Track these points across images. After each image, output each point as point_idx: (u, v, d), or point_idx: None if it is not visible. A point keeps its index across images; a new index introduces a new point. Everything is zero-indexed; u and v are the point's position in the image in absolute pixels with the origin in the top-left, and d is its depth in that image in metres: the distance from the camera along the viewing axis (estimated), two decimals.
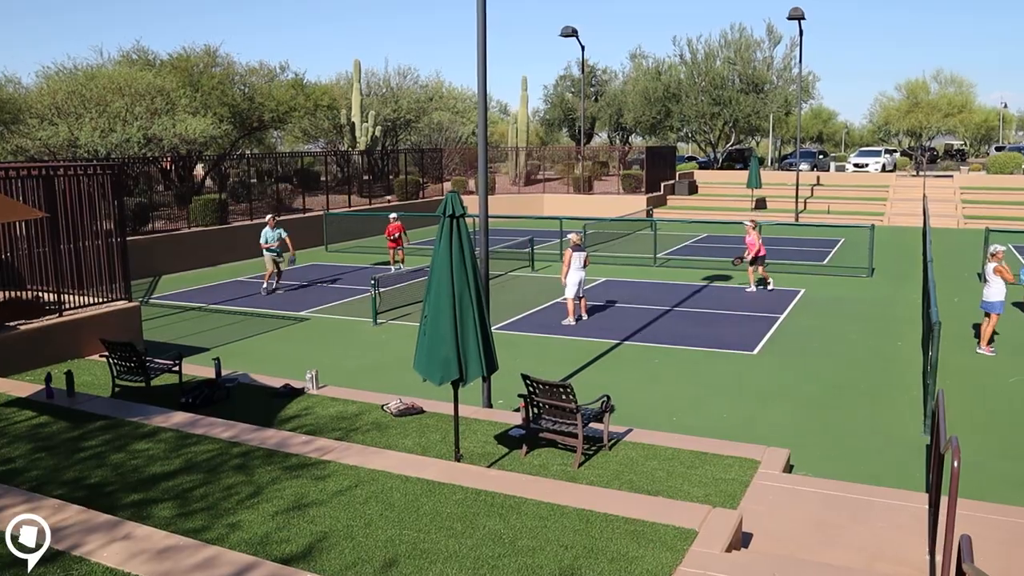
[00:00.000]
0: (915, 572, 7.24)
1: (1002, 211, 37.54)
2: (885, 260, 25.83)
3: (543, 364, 14.46)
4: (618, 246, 30.24)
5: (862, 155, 56.50)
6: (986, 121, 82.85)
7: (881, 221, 37.33)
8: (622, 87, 59.19)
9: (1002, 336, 16.64)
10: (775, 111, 54.30)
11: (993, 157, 49.66)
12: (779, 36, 52.34)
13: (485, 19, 11.08)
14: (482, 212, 11.55)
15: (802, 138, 72.01)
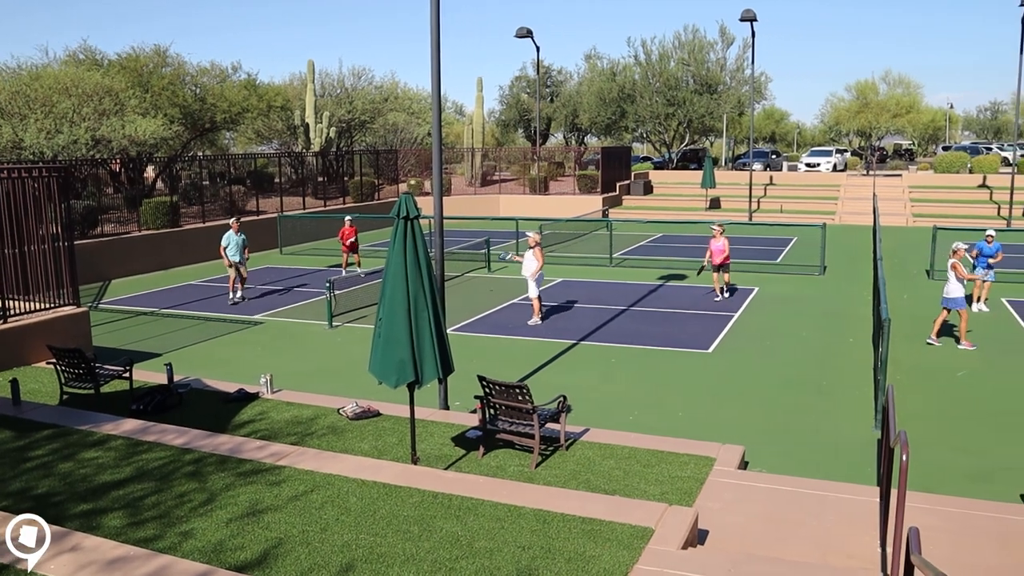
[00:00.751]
0: (867, 564, 7.35)
1: (949, 209, 38.32)
2: (836, 258, 26.23)
3: (500, 365, 14.45)
4: (574, 246, 30.35)
5: (814, 155, 57.33)
6: (933, 121, 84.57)
7: (832, 220, 37.92)
8: (577, 88, 59.44)
9: (947, 331, 16.98)
10: (728, 111, 54.89)
11: (940, 156, 50.68)
12: (732, 37, 52.98)
13: (439, 20, 11.04)
14: (437, 214, 11.51)
15: (755, 138, 72.90)
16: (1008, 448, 10.83)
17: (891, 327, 12.02)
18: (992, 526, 7.96)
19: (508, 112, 64.30)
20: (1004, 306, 19.36)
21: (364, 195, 40.30)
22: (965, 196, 41.38)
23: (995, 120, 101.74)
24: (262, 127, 45.54)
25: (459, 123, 69.54)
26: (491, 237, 27.60)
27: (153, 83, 32.75)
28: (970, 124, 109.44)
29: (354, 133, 50.63)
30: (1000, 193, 39.05)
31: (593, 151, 51.73)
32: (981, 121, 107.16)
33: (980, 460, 10.44)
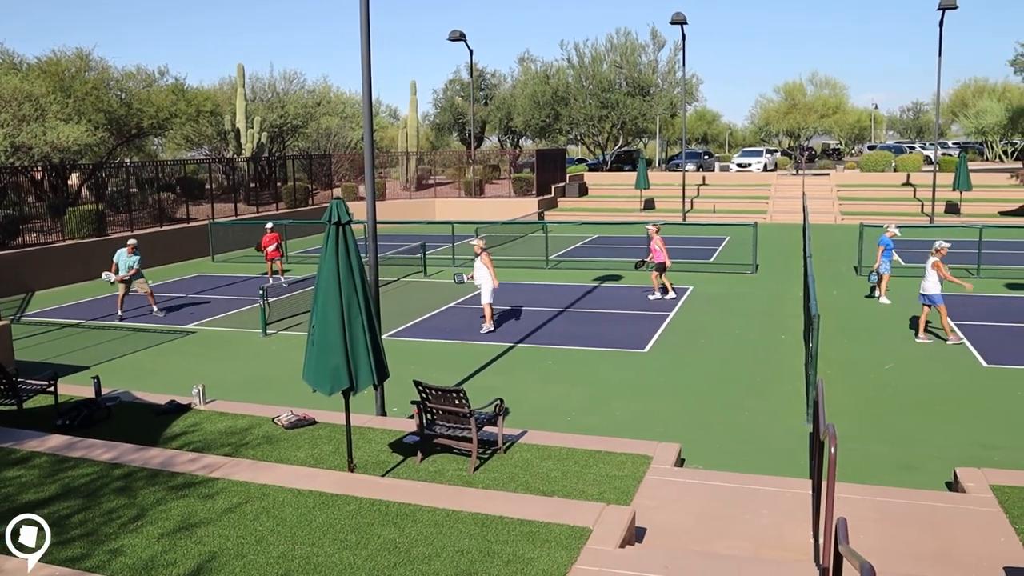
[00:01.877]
0: (800, 556, 7.48)
1: (876, 207, 39.36)
2: (768, 256, 26.73)
3: (437, 369, 14.40)
4: (510, 249, 30.41)
5: (745, 155, 58.38)
6: (859, 121, 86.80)
7: (764, 219, 38.64)
8: (511, 91, 59.62)
9: (875, 326, 17.45)
10: (661, 113, 55.59)
11: (866, 156, 52.08)
12: (663, 40, 53.68)
13: (368, 23, 10.96)
14: (370, 218, 11.41)
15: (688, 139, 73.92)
16: (933, 438, 11.14)
17: (821, 323, 12.29)
18: (919, 513, 8.18)
19: (442, 115, 64.17)
20: None
21: (297, 201, 39.83)
22: (890, 194, 42.56)
23: (917, 120, 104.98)
24: (191, 133, 44.68)
25: (393, 127, 69.19)
26: (427, 241, 27.50)
27: (76, 88, 31.89)
28: (894, 124, 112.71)
29: (286, 138, 50.00)
30: (923, 191, 40.23)
31: (528, 154, 51.91)
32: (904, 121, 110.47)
33: (907, 450, 10.72)
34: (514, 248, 30.64)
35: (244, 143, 42.33)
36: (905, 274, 23.69)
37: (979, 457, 10.04)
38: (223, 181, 40.90)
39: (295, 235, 32.73)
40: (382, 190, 43.01)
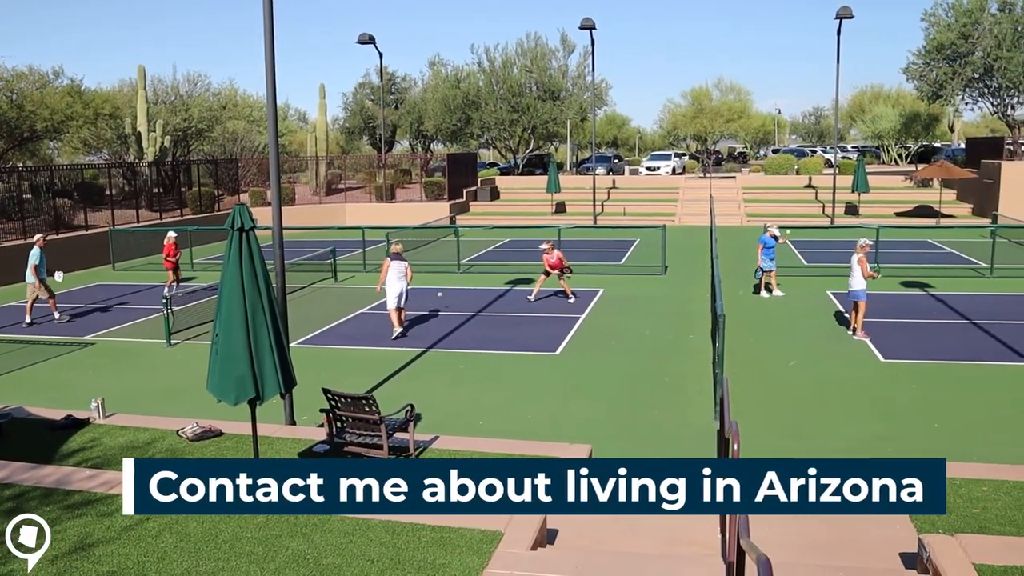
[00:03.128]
0: (709, 551, 7.63)
1: (780, 208, 40.47)
2: (677, 258, 27.23)
3: (348, 376, 14.22)
4: (422, 253, 30.26)
5: (654, 159, 59.38)
6: (763, 126, 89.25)
7: (673, 221, 39.36)
8: (422, 94, 59.37)
9: (779, 324, 17.95)
10: (571, 117, 56.11)
11: (770, 159, 53.56)
12: (573, 45, 54.22)
13: (272, 25, 10.76)
14: (276, 223, 11.20)
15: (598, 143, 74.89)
16: (834, 431, 11.52)
17: (727, 322, 12.56)
18: None
19: (352, 119, 63.51)
20: (829, 297, 20.59)
21: (203, 206, 38.86)
22: (793, 196, 43.89)
23: (818, 125, 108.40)
24: (89, 136, 43.21)
25: (302, 131, 68.13)
26: (337, 247, 27.16)
27: None
28: (796, 128, 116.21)
29: (191, 142, 48.78)
30: (824, 193, 41.61)
31: (439, 158, 51.78)
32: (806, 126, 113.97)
33: (809, 444, 11.05)
34: (426, 253, 30.51)
35: (146, 147, 41.13)
36: (808, 273, 24.48)
37: (877, 448, 10.41)
38: (124, 186, 39.63)
39: (202, 242, 31.89)
40: (291, 195, 42.34)
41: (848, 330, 16.88)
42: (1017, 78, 45.16)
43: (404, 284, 17.16)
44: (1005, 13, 45.05)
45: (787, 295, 20.89)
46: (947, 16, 46.97)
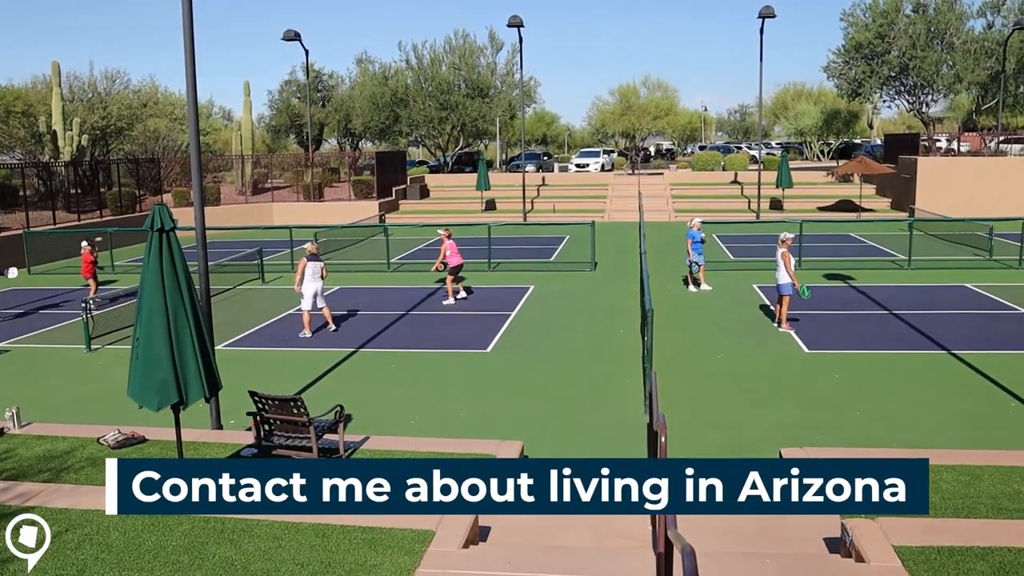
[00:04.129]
0: (640, 543, 7.69)
1: (707, 204, 41.15)
2: (606, 254, 27.44)
3: (277, 379, 13.99)
4: (351, 253, 29.98)
5: (583, 156, 59.80)
6: (690, 123, 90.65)
7: (602, 218, 39.68)
8: (350, 92, 58.73)
9: (707, 317, 18.24)
10: (501, 115, 56.13)
11: (697, 155, 54.42)
12: (501, 43, 54.23)
13: (192, 19, 10.51)
14: (198, 224, 10.94)
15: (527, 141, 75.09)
16: (760, 421, 11.74)
17: (656, 316, 12.72)
18: None
19: (279, 117, 62.50)
20: (755, 291, 20.99)
21: (124, 207, 37.82)
22: (720, 192, 44.65)
23: (743, 122, 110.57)
24: (1, 135, 41.65)
25: (227, 129, 66.88)
26: (264, 247, 26.72)
27: None
28: (722, 125, 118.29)
29: (110, 141, 47.41)
30: (749, 188, 42.41)
31: (368, 156, 51.33)
32: (732, 123, 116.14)
33: (735, 434, 11.25)
34: (355, 252, 30.22)
35: (62, 146, 39.84)
36: (735, 267, 24.93)
37: (801, 437, 10.63)
38: (39, 187, 38.34)
39: (123, 243, 31.03)
40: (216, 195, 41.47)
41: (773, 322, 17.23)
42: (931, 76, 46.72)
43: (320, 284, 17.00)
44: (919, 14, 46.56)
45: (714, 289, 21.24)
46: (864, 16, 48.35)
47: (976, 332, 16.50)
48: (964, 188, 36.94)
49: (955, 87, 48.68)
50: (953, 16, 46.12)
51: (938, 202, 35.82)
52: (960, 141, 52.02)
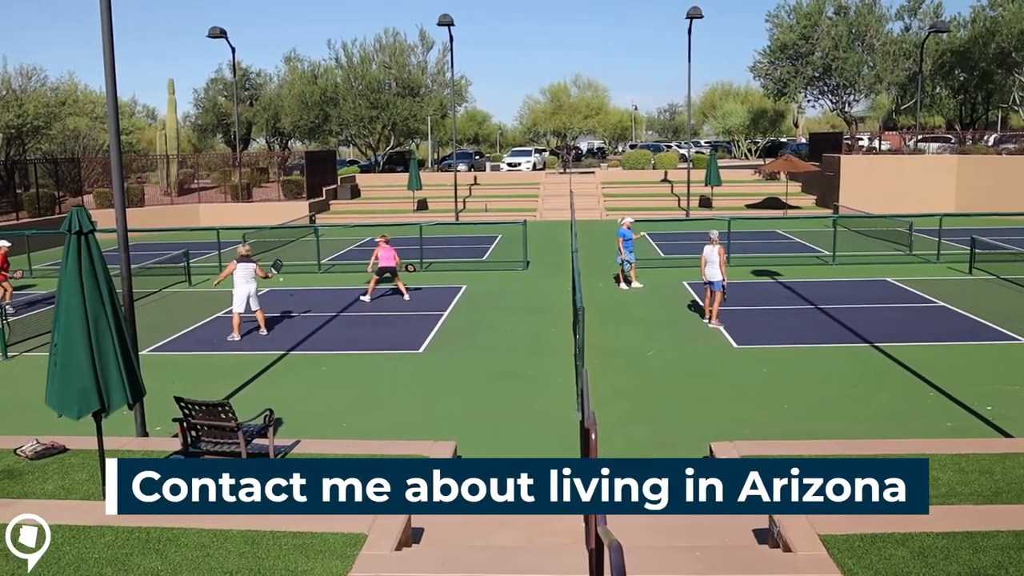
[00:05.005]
0: (573, 540, 7.70)
1: (637, 202, 41.55)
2: (538, 253, 27.52)
3: (205, 383, 13.70)
4: (281, 254, 29.45)
5: (515, 155, 59.89)
6: (621, 122, 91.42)
7: (534, 217, 39.80)
8: (278, 91, 57.87)
9: (637, 314, 18.43)
10: (432, 114, 55.89)
11: (627, 154, 54.95)
12: (432, 41, 53.96)
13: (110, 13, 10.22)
14: (120, 225, 10.64)
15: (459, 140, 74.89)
16: (691, 416, 11.91)
17: (587, 314, 12.80)
18: None
19: (205, 116, 61.31)
20: (685, 287, 21.28)
21: (42, 209, 36.61)
22: (650, 190, 45.16)
23: (673, 120, 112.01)
24: None
25: (151, 128, 65.27)
26: (191, 249, 26.16)
27: None
28: (652, 124, 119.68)
29: (27, 140, 45.88)
30: (679, 186, 42.97)
31: (298, 156, 50.61)
32: (662, 121, 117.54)
33: (667, 430, 11.39)
34: (285, 253, 29.72)
35: None
36: (665, 264, 25.23)
37: (731, 431, 10.79)
38: None
39: (42, 246, 30.04)
40: (140, 196, 40.47)
41: (704, 318, 17.49)
42: (853, 77, 48.03)
43: (252, 287, 16.70)
44: (841, 16, 47.83)
45: (645, 286, 21.47)
46: (789, 18, 49.46)
47: (897, 325, 16.99)
48: (885, 185, 38.06)
49: (875, 87, 50.16)
50: (873, 19, 47.50)
51: (860, 199, 36.85)
52: (881, 140, 53.49)
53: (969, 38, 47.96)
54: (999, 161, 39.43)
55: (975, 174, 38.21)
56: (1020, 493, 8.15)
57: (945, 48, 49.23)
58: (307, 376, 14.33)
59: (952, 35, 48.47)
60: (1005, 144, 45.55)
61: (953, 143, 47.08)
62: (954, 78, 53.06)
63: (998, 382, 13.02)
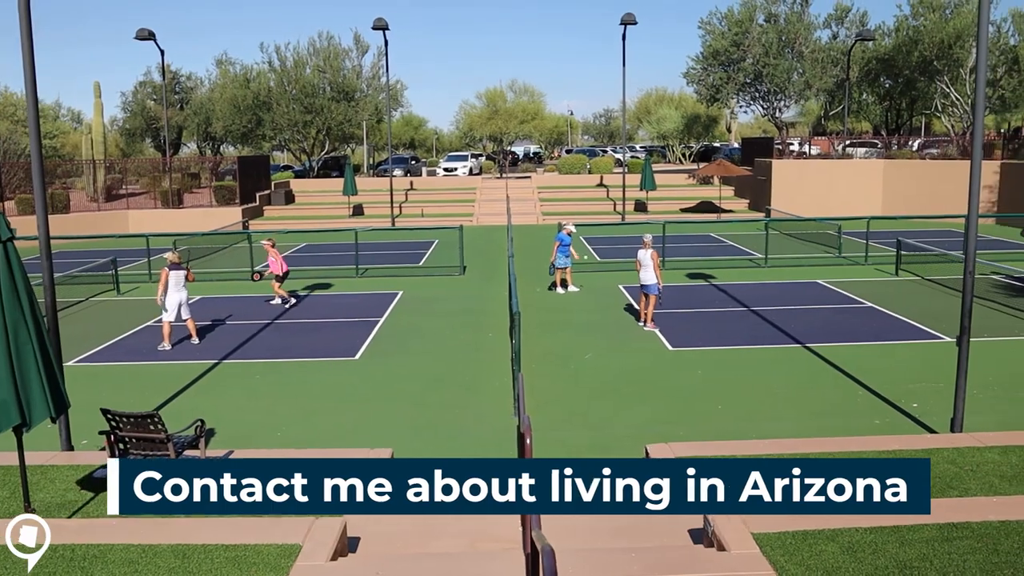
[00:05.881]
0: (511, 545, 7.71)
1: (573, 207, 41.85)
2: (475, 258, 27.51)
3: (134, 394, 13.37)
4: (213, 261, 28.98)
5: (451, 160, 59.75)
6: (557, 127, 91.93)
7: (471, 222, 39.76)
8: (209, 95, 56.90)
9: (574, 318, 18.51)
10: (367, 119, 55.51)
11: (563, 159, 55.24)
12: (367, 45, 53.64)
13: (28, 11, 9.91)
14: (42, 232, 10.30)
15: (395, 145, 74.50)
16: (627, 419, 11.99)
17: (524, 319, 12.80)
18: None
19: (133, 120, 59.95)
20: (620, 291, 21.45)
21: None
22: (586, 194, 45.49)
23: (608, 125, 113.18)
24: None
25: (77, 132, 63.60)
26: (119, 257, 25.54)
27: None
28: (588, 129, 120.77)
29: None
30: (615, 191, 43.35)
31: (230, 161, 49.81)
32: (597, 126, 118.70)
33: (604, 432, 11.44)
34: (217, 260, 29.24)
35: None
36: (601, 268, 25.41)
37: (666, 433, 10.89)
38: None
39: None
40: (65, 202, 39.36)
41: (639, 322, 17.64)
42: (783, 83, 49.08)
43: (184, 295, 16.39)
44: (771, 24, 48.86)
45: (581, 290, 21.59)
46: (721, 25, 50.36)
47: (827, 326, 17.36)
48: (815, 189, 38.95)
49: (805, 93, 51.33)
50: (802, 27, 48.62)
51: (791, 202, 37.64)
52: (811, 145, 54.74)
53: (893, 46, 49.40)
54: (923, 165, 40.65)
55: (900, 178, 39.34)
56: (944, 487, 8.38)
57: (871, 56, 50.61)
58: (240, 385, 14.07)
59: (877, 43, 49.87)
60: (928, 149, 47.02)
61: (880, 148, 48.41)
62: (880, 85, 54.59)
63: (923, 380, 13.39)
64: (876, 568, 6.62)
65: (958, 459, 9.11)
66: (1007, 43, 44.97)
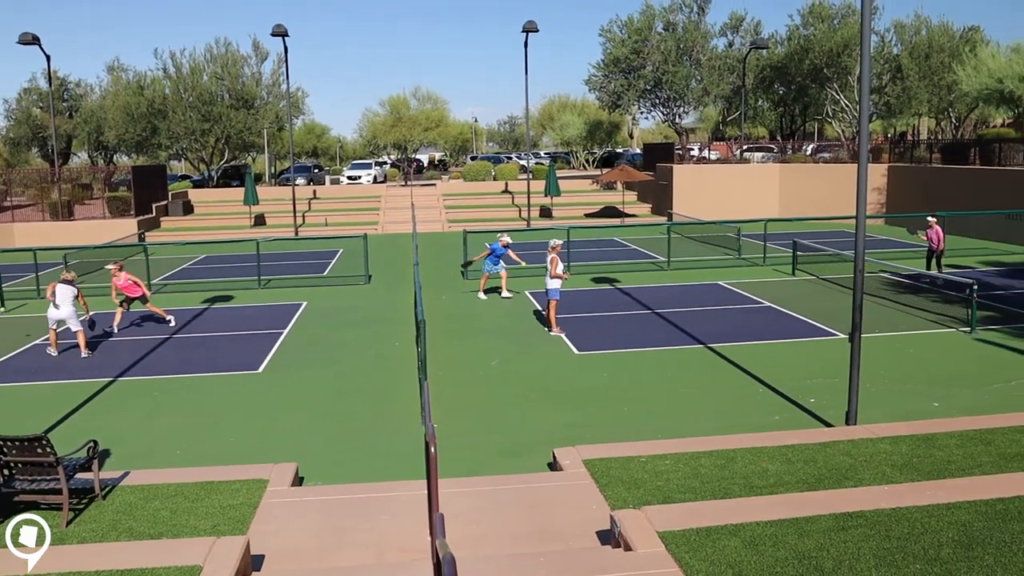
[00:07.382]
0: (419, 555, 7.63)
1: (479, 213, 41.89)
2: (380, 267, 27.26)
3: (23, 416, 12.79)
4: (106, 276, 27.89)
5: (355, 168, 59.16)
6: (461, 134, 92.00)
7: (376, 230, 39.42)
8: (101, 102, 54.92)
9: (481, 325, 18.52)
10: (268, 127, 54.45)
11: (468, 166, 55.28)
12: (266, 52, 52.60)
13: None
14: None
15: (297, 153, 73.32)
16: (534, 423, 12.03)
17: (432, 327, 12.73)
18: (522, 496, 8.76)
19: (18, 129, 57.41)
20: (527, 297, 21.56)
21: None
22: (491, 201, 45.58)
23: (513, 132, 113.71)
24: None
25: None
26: (3, 272, 24.39)
27: None
28: (493, 136, 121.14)
29: None
30: (520, 197, 43.61)
31: (124, 171, 48.11)
32: (502, 133, 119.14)
33: (512, 438, 11.46)
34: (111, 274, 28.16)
35: None
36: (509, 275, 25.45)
37: (574, 436, 10.98)
38: None
39: None
40: None
41: (545, 327, 17.75)
42: (682, 90, 50.25)
43: (72, 309, 16.20)
44: (669, 32, 49.97)
45: (490, 298, 21.62)
46: (621, 33, 51.23)
47: (728, 326, 17.79)
48: (715, 193, 39.95)
49: (703, 100, 52.66)
50: (699, 35, 49.87)
51: (692, 206, 38.52)
52: (710, 150, 56.10)
53: (786, 55, 51.05)
54: (816, 169, 42.11)
55: (795, 181, 40.67)
56: (840, 479, 8.66)
57: (765, 64, 52.20)
58: (138, 403, 13.56)
59: (771, 52, 51.47)
60: (821, 153, 48.70)
61: (775, 152, 49.95)
62: (774, 91, 56.35)
63: (819, 376, 13.84)
64: (777, 560, 6.79)
65: (852, 451, 9.44)
66: (891, 52, 46.98)
